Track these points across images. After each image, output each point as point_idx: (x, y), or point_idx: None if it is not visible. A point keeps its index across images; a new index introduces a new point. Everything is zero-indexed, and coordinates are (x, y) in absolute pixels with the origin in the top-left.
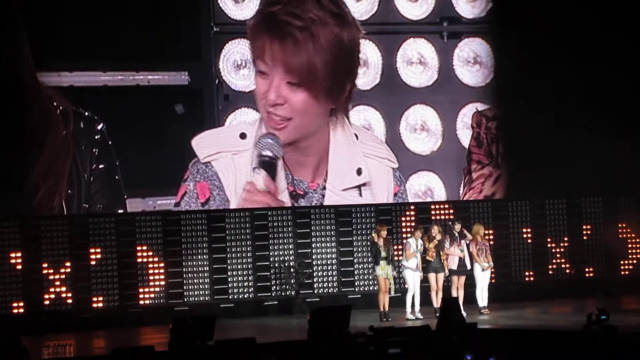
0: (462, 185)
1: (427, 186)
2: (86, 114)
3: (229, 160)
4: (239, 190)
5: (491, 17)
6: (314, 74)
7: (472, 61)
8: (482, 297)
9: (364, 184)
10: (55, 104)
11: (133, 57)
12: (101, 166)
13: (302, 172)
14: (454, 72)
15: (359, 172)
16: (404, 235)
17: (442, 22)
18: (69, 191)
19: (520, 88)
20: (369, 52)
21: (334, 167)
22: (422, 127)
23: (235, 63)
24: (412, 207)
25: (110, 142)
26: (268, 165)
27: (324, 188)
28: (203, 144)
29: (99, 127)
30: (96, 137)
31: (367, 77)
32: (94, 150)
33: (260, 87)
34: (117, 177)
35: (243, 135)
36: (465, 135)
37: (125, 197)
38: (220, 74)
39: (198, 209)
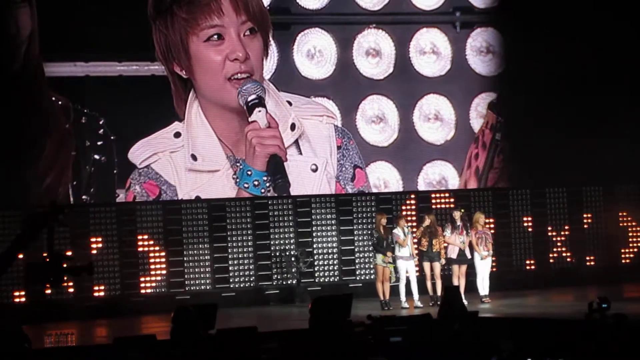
0: (465, 169)
1: (441, 175)
2: (86, 110)
3: (167, 159)
4: (187, 182)
5: (502, 6)
6: (264, 13)
7: (484, 51)
8: (483, 285)
9: (298, 141)
10: (53, 98)
11: (148, 48)
12: (103, 159)
13: (242, 148)
14: (467, 62)
15: (292, 127)
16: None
17: (454, 12)
18: (74, 182)
19: (527, 76)
20: (382, 42)
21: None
22: (435, 117)
23: None
24: (412, 196)
25: (112, 137)
26: (259, 105)
27: None
28: (137, 152)
29: (101, 122)
30: (99, 131)
31: (380, 67)
32: (98, 143)
33: (215, 56)
34: (114, 171)
35: (177, 135)
36: (478, 125)
37: (117, 195)
38: None
39: (198, 199)
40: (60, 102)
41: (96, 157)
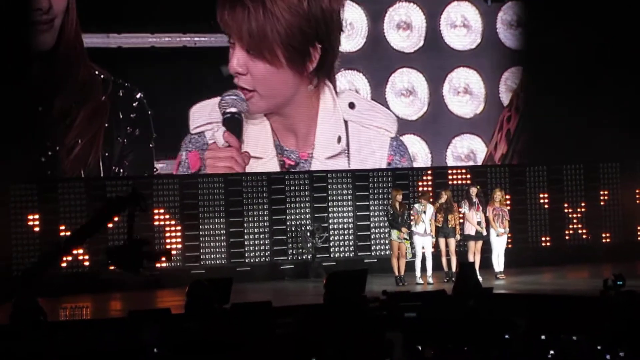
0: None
1: (469, 149)
2: (126, 84)
3: (210, 141)
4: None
5: None
6: (265, 42)
7: (515, 24)
8: (498, 262)
9: (349, 150)
10: (97, 72)
11: (180, 20)
12: (137, 131)
13: (291, 141)
14: (498, 36)
15: (338, 140)
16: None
17: None
18: (106, 153)
19: (555, 51)
20: (413, 15)
21: (320, 136)
22: (465, 90)
23: None
24: (429, 172)
25: (149, 112)
26: (232, 120)
27: (313, 158)
28: (197, 114)
29: (138, 95)
30: (134, 104)
31: (410, 40)
32: (132, 115)
33: (230, 59)
34: (150, 145)
35: None
36: (508, 99)
37: (156, 170)
38: None
39: (215, 173)
40: (101, 75)
41: (129, 129)
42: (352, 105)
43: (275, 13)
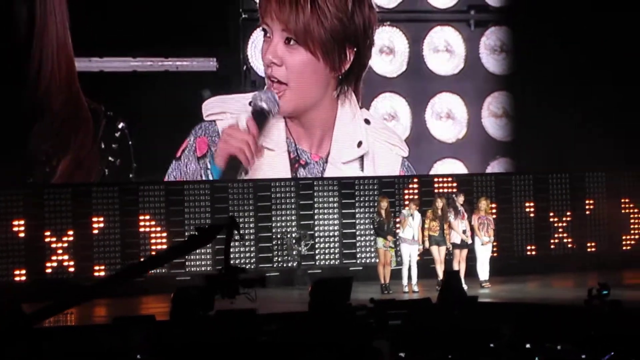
0: None
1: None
2: (109, 113)
3: (232, 122)
4: None
5: (516, 5)
6: (310, 32)
7: (498, 50)
8: (482, 270)
9: (364, 158)
10: (87, 102)
11: (162, 43)
12: (118, 162)
13: (305, 142)
14: (480, 61)
15: (359, 144)
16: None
17: (469, 10)
18: (91, 180)
19: (539, 73)
20: (396, 39)
21: (337, 142)
22: (447, 115)
23: None
24: (415, 180)
25: (130, 142)
26: (259, 114)
27: (326, 162)
28: (210, 105)
29: (120, 125)
30: (116, 134)
31: (393, 65)
32: (114, 145)
33: (263, 50)
34: (130, 175)
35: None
36: (490, 124)
37: None
38: (248, 60)
39: (201, 180)
40: (92, 106)
41: (111, 159)
42: (367, 122)
43: (323, 7)
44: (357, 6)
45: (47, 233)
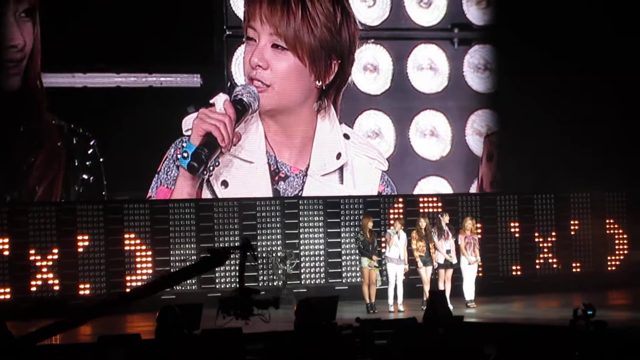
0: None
1: (435, 191)
2: (80, 130)
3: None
4: (221, 161)
5: (499, 23)
6: (300, 38)
7: (482, 68)
8: (468, 290)
9: (343, 170)
10: (53, 120)
11: (146, 60)
12: (91, 179)
13: (285, 154)
14: (464, 79)
15: (338, 156)
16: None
17: (453, 29)
18: (62, 200)
19: (522, 91)
20: (380, 57)
21: (316, 154)
22: (431, 133)
23: None
24: (400, 200)
25: (101, 160)
26: (238, 103)
27: (306, 174)
28: (190, 120)
29: (91, 142)
30: (89, 151)
31: (377, 83)
32: (87, 163)
33: (246, 56)
34: (103, 193)
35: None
36: (474, 142)
37: None
38: (232, 76)
39: (186, 199)
40: (55, 121)
41: (84, 177)
42: (346, 137)
43: (313, 15)
44: (345, 20)
45: (32, 251)
